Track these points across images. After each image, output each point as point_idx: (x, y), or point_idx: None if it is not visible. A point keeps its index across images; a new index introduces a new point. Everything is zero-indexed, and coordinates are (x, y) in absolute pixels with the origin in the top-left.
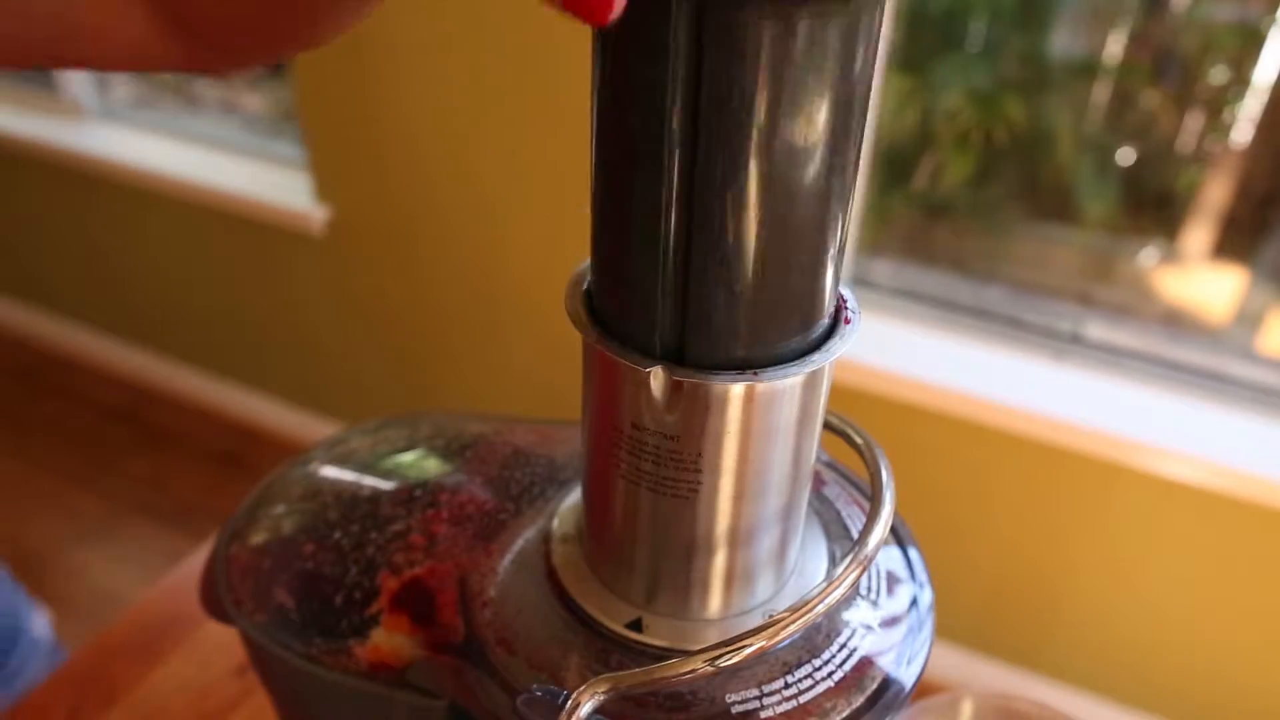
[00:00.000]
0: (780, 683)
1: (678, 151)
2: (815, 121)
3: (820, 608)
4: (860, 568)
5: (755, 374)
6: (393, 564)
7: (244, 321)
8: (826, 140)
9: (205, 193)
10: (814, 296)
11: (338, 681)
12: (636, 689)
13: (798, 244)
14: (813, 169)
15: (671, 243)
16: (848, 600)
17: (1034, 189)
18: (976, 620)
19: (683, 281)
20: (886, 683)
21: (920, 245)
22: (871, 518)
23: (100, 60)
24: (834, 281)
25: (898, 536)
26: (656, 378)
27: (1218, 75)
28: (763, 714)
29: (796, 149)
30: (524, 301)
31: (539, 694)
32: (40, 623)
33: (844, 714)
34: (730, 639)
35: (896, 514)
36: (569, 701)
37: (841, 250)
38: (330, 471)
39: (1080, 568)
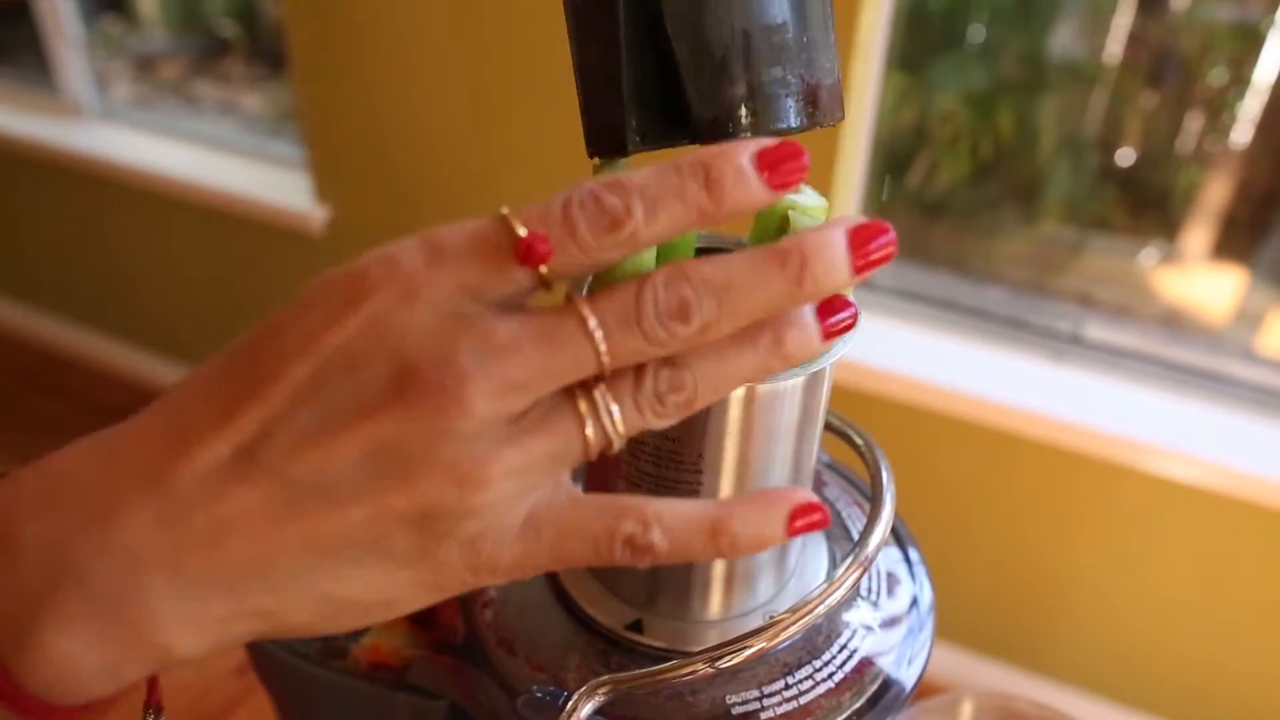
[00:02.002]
0: (781, 684)
1: None
2: None
3: (820, 609)
4: (861, 569)
5: None
6: None
7: (244, 321)
8: None
9: (205, 193)
10: None
11: (338, 682)
12: (637, 690)
13: None
14: None
15: None
16: (848, 601)
17: (1031, 189)
18: (977, 620)
19: None
20: (887, 683)
21: (917, 245)
22: (872, 519)
23: None
24: None
25: (898, 537)
26: None
27: (1218, 75)
28: (763, 715)
29: None
30: None
31: (539, 695)
32: None
33: (844, 715)
34: (730, 640)
35: (897, 514)
36: (569, 702)
37: None
38: None
39: (1080, 568)
